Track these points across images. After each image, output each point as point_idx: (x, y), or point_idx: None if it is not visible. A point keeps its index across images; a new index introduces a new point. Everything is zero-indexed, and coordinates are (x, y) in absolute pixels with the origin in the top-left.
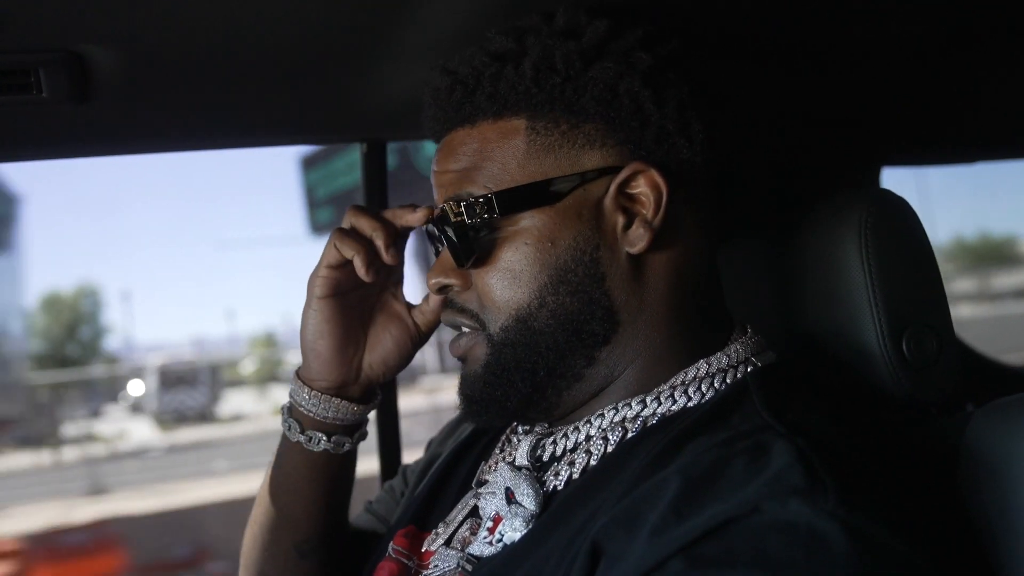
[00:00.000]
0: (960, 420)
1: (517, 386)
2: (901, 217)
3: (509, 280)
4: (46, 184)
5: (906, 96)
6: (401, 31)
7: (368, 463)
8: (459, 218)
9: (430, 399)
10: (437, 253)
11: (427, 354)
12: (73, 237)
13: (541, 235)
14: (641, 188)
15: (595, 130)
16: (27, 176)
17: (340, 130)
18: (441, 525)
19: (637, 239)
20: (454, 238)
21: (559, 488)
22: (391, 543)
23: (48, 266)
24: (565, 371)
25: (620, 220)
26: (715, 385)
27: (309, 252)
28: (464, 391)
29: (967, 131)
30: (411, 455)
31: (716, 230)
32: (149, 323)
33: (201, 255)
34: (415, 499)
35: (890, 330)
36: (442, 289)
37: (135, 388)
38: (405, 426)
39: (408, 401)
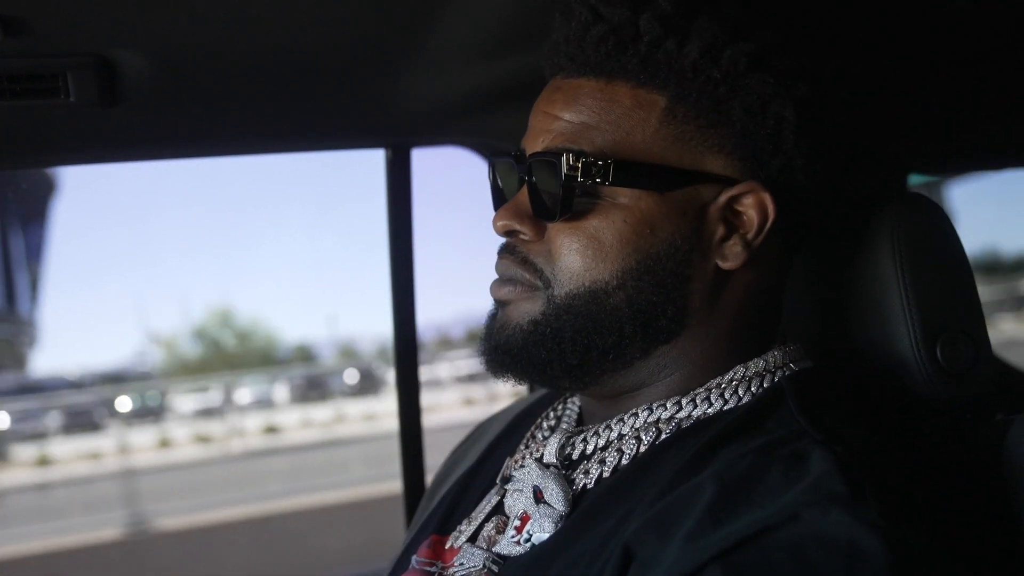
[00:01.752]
0: (997, 427)
1: (567, 356)
2: (934, 222)
3: (595, 250)
4: None
5: (932, 104)
6: (426, 38)
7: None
8: (573, 172)
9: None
10: (502, 196)
11: None
12: None
13: (642, 218)
14: (749, 207)
15: (729, 136)
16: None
17: (364, 136)
18: (465, 521)
19: (733, 256)
20: (555, 188)
21: (589, 487)
22: (415, 556)
23: None
24: (618, 356)
25: (720, 230)
26: (752, 389)
27: None
28: (494, 339)
29: (993, 139)
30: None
31: (797, 254)
32: None
33: None
34: (438, 506)
35: (924, 336)
36: (509, 234)
37: None
38: None
39: None
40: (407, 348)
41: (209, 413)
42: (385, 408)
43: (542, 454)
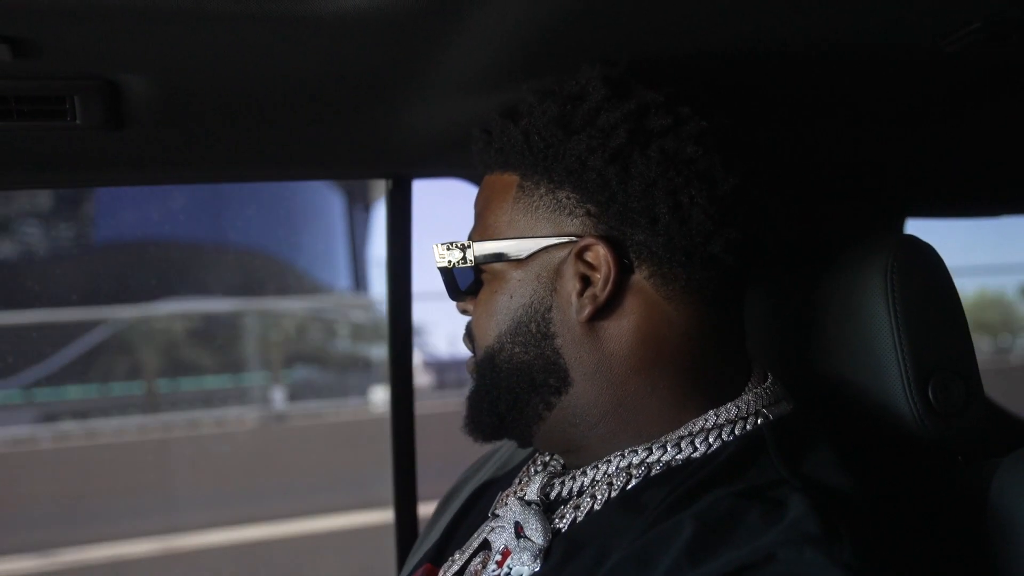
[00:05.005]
0: (986, 469)
1: (485, 412)
2: (928, 263)
3: (486, 318)
4: None
5: (931, 148)
6: (429, 71)
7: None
8: (443, 258)
9: None
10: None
11: None
12: None
13: (506, 287)
14: (596, 260)
15: (567, 198)
16: None
17: (367, 166)
18: (457, 552)
19: (581, 308)
20: (447, 274)
21: (563, 530)
22: None
23: None
24: (524, 408)
25: (577, 286)
26: (723, 437)
27: None
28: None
29: (992, 184)
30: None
31: (702, 297)
32: None
33: None
34: (439, 536)
35: (916, 377)
36: (464, 312)
37: None
38: None
39: None
40: (402, 373)
41: None
42: None
43: (525, 493)
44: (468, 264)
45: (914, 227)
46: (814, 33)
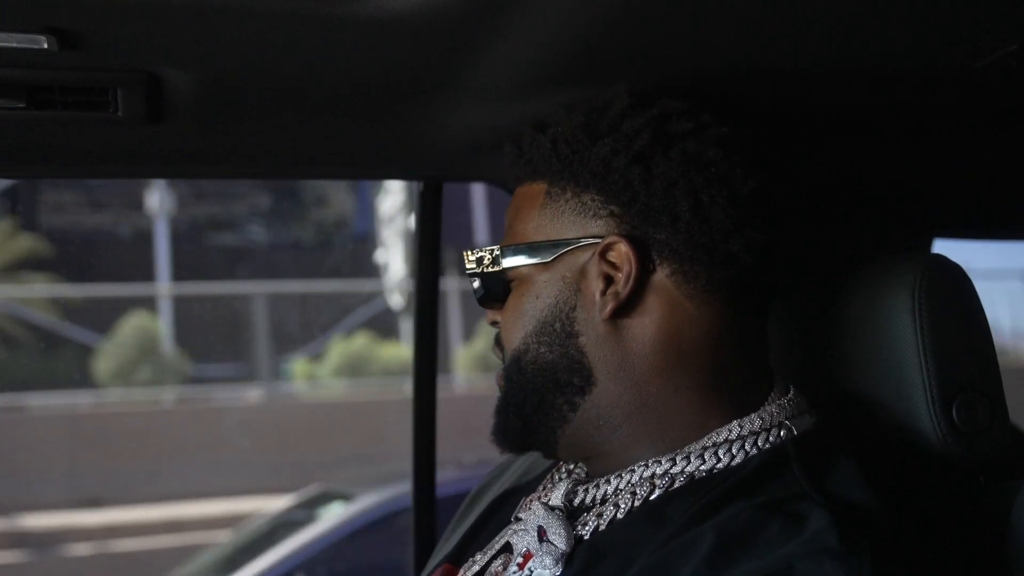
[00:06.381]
0: (1008, 490)
1: (511, 418)
2: (955, 282)
3: (513, 322)
4: None
5: (960, 168)
6: (465, 75)
7: None
8: (471, 264)
9: None
10: None
11: None
12: None
13: (532, 289)
14: (619, 258)
15: (592, 200)
16: None
17: (400, 167)
18: (479, 553)
19: (603, 305)
20: (473, 281)
21: (586, 538)
22: None
23: None
24: (549, 410)
25: (600, 285)
26: (746, 448)
27: None
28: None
29: (1021, 207)
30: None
31: (722, 298)
32: None
33: None
34: (459, 539)
35: (941, 395)
36: (494, 324)
37: None
38: None
39: None
40: (426, 367)
41: None
42: None
43: (550, 498)
44: (497, 268)
45: None
46: (847, 54)
